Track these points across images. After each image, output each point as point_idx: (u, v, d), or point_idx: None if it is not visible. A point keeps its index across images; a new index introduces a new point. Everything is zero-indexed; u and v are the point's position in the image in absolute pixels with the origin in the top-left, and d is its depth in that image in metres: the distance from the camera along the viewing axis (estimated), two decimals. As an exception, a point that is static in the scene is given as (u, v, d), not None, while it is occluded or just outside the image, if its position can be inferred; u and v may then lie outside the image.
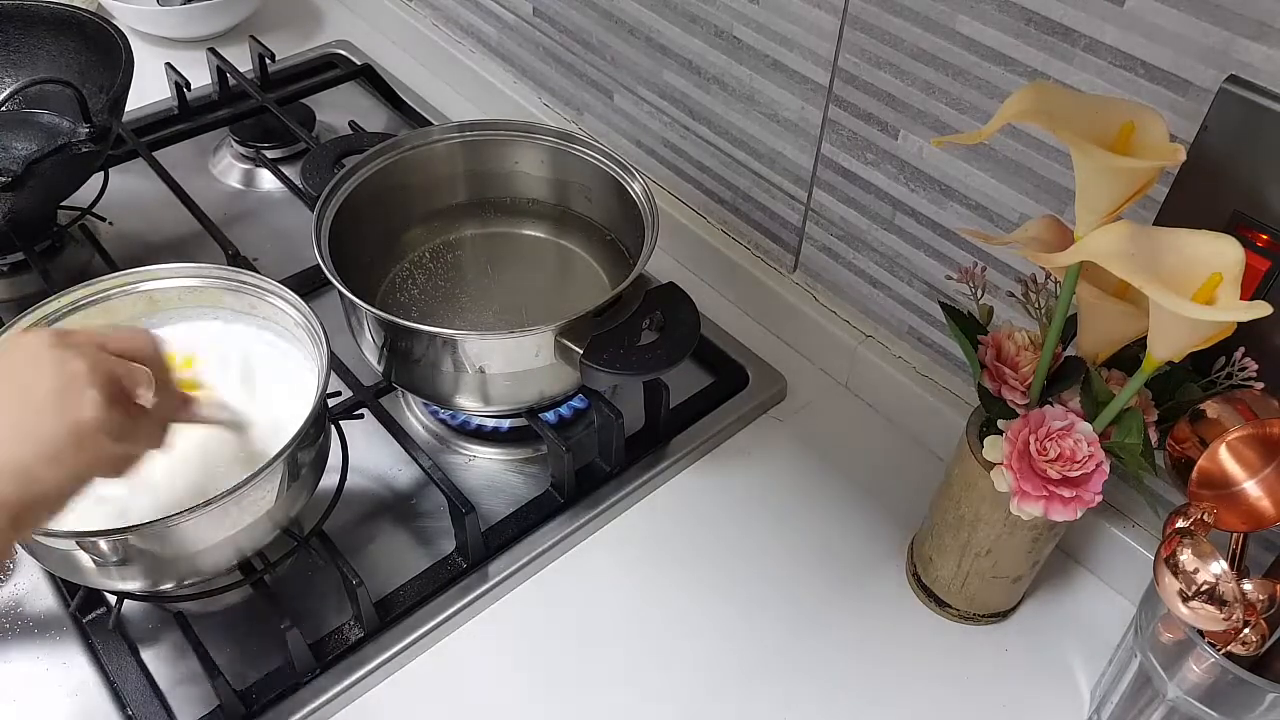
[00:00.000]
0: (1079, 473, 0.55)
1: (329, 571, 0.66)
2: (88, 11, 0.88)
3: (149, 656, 0.65)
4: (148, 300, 0.69)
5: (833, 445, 0.80)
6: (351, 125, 1.01)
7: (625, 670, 0.67)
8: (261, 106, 1.01)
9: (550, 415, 0.78)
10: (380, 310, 0.66)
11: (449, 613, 0.68)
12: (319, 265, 0.68)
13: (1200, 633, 0.53)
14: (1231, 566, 0.51)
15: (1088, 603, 0.71)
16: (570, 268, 0.82)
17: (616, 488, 0.75)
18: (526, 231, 0.84)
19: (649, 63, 0.88)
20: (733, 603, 0.70)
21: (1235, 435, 0.53)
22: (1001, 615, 0.70)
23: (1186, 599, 0.51)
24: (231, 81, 1.04)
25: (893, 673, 0.67)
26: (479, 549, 0.70)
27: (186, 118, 1.04)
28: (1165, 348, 0.49)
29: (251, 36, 1.08)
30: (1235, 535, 0.55)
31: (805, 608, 0.70)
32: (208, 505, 0.56)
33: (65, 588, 0.68)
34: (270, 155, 1.00)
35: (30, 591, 0.69)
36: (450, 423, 0.79)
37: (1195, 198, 0.56)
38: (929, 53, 0.66)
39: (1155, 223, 0.58)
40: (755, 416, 0.82)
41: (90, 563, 0.58)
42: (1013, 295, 0.69)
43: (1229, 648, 0.52)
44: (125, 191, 0.95)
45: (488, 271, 0.81)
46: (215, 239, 0.86)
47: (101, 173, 0.91)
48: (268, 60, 1.06)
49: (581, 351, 0.66)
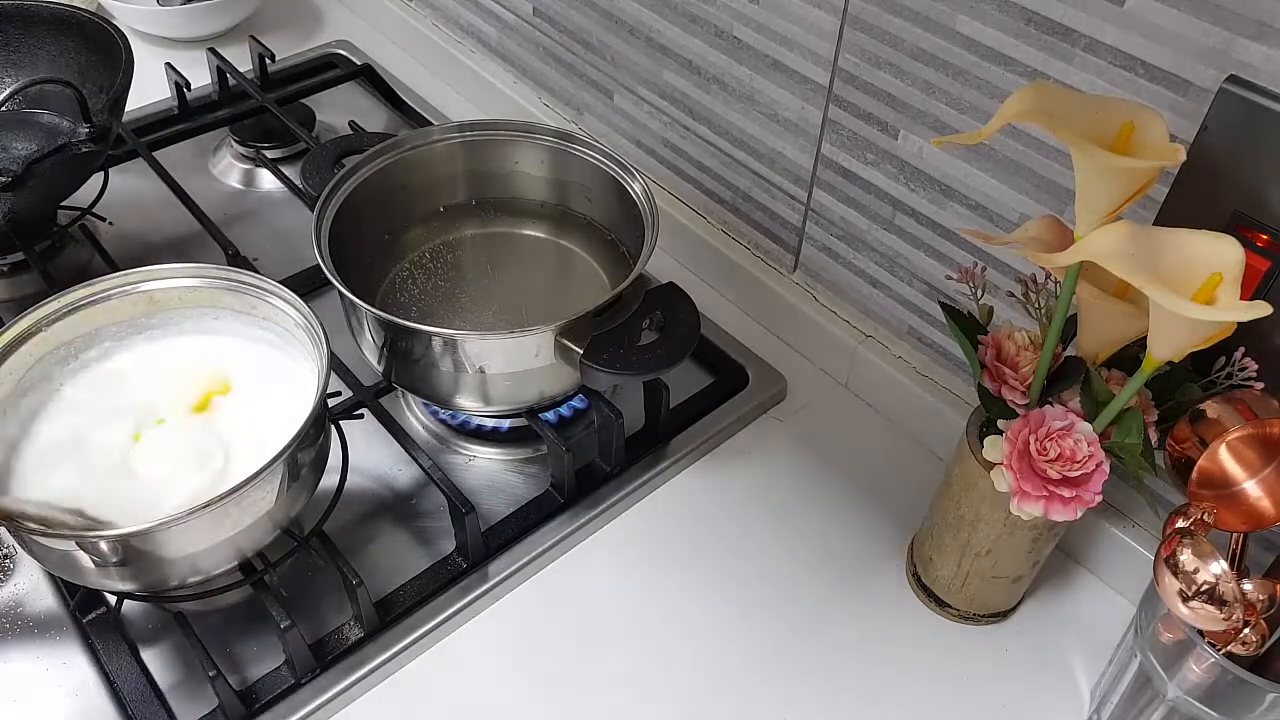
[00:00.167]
0: (1079, 473, 0.55)
1: (329, 571, 0.66)
2: (88, 11, 0.88)
3: (149, 656, 0.65)
4: (148, 300, 0.69)
5: (833, 445, 0.80)
6: (351, 125, 1.01)
7: (625, 670, 0.67)
8: (261, 106, 1.01)
9: (550, 415, 0.78)
10: (380, 310, 0.66)
11: (449, 613, 0.68)
12: (319, 265, 0.68)
13: (1200, 633, 0.53)
14: (1231, 566, 0.51)
15: (1088, 603, 0.71)
16: (570, 268, 0.82)
17: (616, 488, 0.75)
18: (526, 231, 0.84)
19: (649, 63, 0.88)
20: (733, 603, 0.70)
21: (1235, 435, 0.53)
22: (1001, 615, 0.70)
23: (1186, 599, 0.51)
24: (231, 81, 1.04)
25: (893, 673, 0.67)
26: (479, 549, 0.70)
27: (186, 118, 1.04)
28: (1165, 348, 0.49)
29: (251, 36, 1.08)
30: (1235, 535, 0.55)
31: (805, 608, 0.70)
32: (208, 506, 0.56)
33: (65, 588, 0.68)
34: (270, 155, 1.00)
35: (30, 591, 0.69)
36: (450, 423, 0.79)
37: (1195, 198, 0.55)
38: (929, 53, 0.66)
39: (1155, 223, 0.58)
40: (755, 416, 0.82)
41: (90, 563, 0.58)
42: (1013, 295, 0.69)
43: (1229, 648, 0.52)
44: (125, 191, 0.95)
45: (488, 271, 0.81)
46: (215, 239, 0.86)
47: (101, 173, 0.91)
48: (268, 60, 1.06)
49: (581, 351, 0.66)
